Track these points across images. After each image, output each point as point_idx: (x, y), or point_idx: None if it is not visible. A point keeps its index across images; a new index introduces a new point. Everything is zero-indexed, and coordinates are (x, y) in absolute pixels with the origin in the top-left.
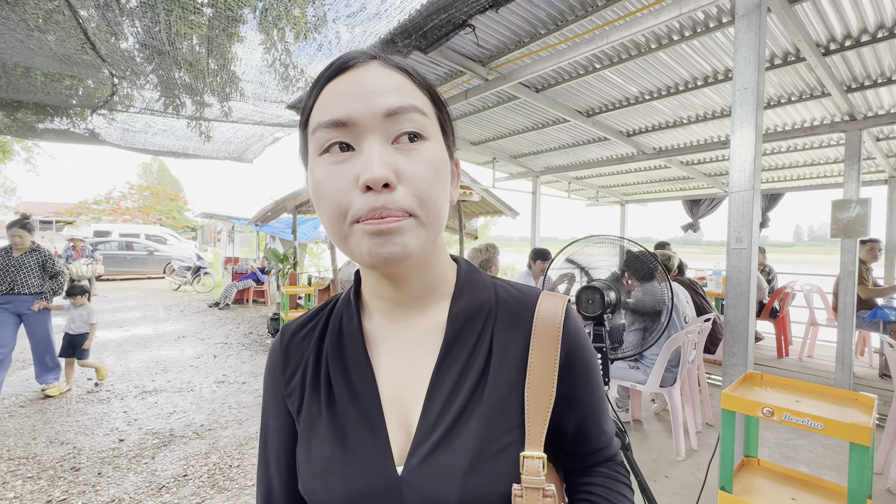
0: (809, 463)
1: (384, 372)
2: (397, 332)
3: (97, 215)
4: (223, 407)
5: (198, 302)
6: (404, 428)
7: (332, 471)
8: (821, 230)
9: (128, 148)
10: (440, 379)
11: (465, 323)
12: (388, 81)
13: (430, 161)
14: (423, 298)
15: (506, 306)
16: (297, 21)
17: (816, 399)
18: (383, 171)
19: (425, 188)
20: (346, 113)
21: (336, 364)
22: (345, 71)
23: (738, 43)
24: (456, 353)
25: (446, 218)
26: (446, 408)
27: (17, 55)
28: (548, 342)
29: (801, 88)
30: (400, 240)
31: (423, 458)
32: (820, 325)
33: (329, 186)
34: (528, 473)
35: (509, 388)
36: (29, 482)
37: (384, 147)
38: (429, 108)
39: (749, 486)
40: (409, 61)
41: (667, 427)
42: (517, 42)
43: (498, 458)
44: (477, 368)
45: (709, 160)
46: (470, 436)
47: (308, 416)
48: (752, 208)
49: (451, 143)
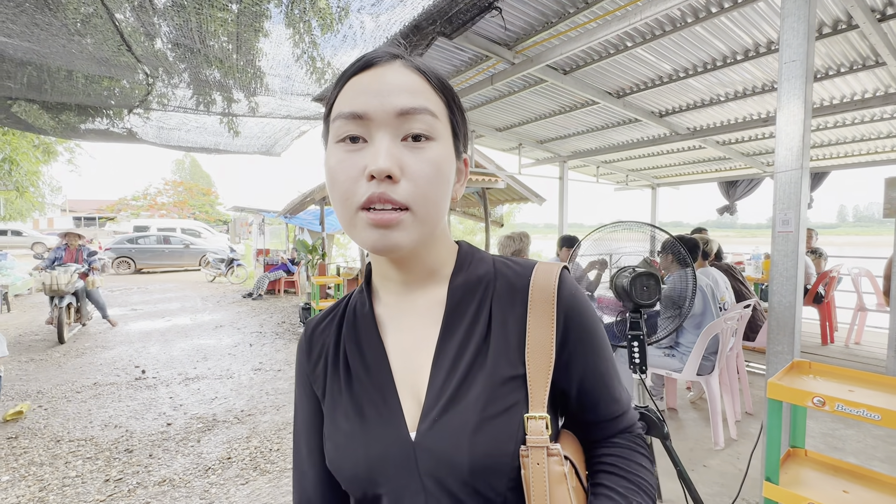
0: (858, 454)
1: (394, 349)
2: (403, 312)
3: (136, 211)
4: (261, 393)
5: (232, 293)
6: (415, 398)
7: (354, 441)
8: (867, 210)
9: (163, 145)
10: (443, 348)
11: (464, 295)
12: (406, 82)
13: (434, 161)
14: (426, 279)
15: (504, 278)
16: (323, 13)
17: (870, 388)
18: (388, 163)
19: (425, 185)
20: (363, 107)
21: (352, 346)
22: (368, 68)
23: (786, 12)
24: (456, 323)
25: (444, 213)
26: (451, 374)
27: (59, 59)
28: (544, 307)
29: (851, 59)
30: (396, 234)
31: (433, 422)
32: (869, 311)
33: (340, 174)
34: (532, 433)
35: (510, 353)
36: (88, 462)
37: (393, 142)
38: (441, 110)
39: (796, 478)
40: (431, 64)
41: (703, 416)
42: (544, 23)
43: (502, 419)
44: (478, 336)
45: (747, 139)
46: (475, 398)
47: (331, 395)
48: (801, 189)
49: (462, 143)
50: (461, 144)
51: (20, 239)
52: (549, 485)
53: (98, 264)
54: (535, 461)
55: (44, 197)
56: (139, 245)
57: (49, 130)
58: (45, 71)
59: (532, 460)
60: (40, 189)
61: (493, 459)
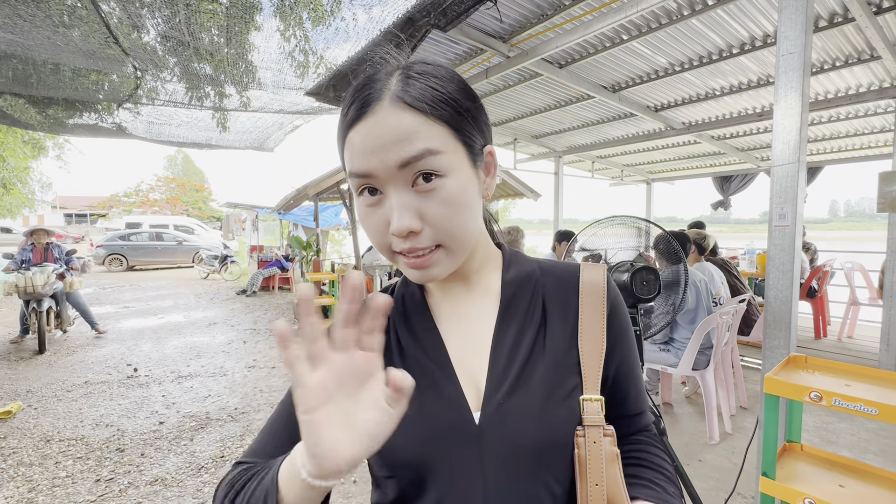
0: (852, 447)
1: (449, 335)
2: (456, 304)
3: (128, 208)
4: (255, 391)
5: (226, 290)
6: (472, 382)
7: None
8: (859, 205)
9: (153, 140)
10: (501, 336)
11: (518, 288)
12: (399, 127)
13: (449, 199)
14: (472, 275)
15: (551, 275)
16: (315, 4)
17: (866, 382)
18: (405, 223)
19: (447, 226)
20: (367, 167)
21: (405, 333)
22: (360, 119)
23: (784, 3)
24: (512, 313)
25: (476, 232)
26: (512, 360)
27: (45, 52)
28: (595, 301)
29: (847, 52)
30: (433, 270)
31: (499, 405)
32: (862, 305)
33: (370, 227)
34: (589, 413)
35: (566, 341)
36: (79, 462)
37: (405, 194)
38: (444, 138)
39: (792, 472)
40: (427, 82)
41: (698, 410)
42: (540, 15)
43: (565, 402)
44: (534, 325)
45: (742, 133)
46: (539, 382)
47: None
48: (797, 182)
49: (481, 143)
50: (479, 147)
51: (9, 237)
52: (605, 463)
53: (77, 264)
54: (591, 440)
55: (33, 193)
56: (131, 242)
57: (36, 125)
58: (31, 64)
59: (588, 439)
60: (29, 185)
61: (555, 440)
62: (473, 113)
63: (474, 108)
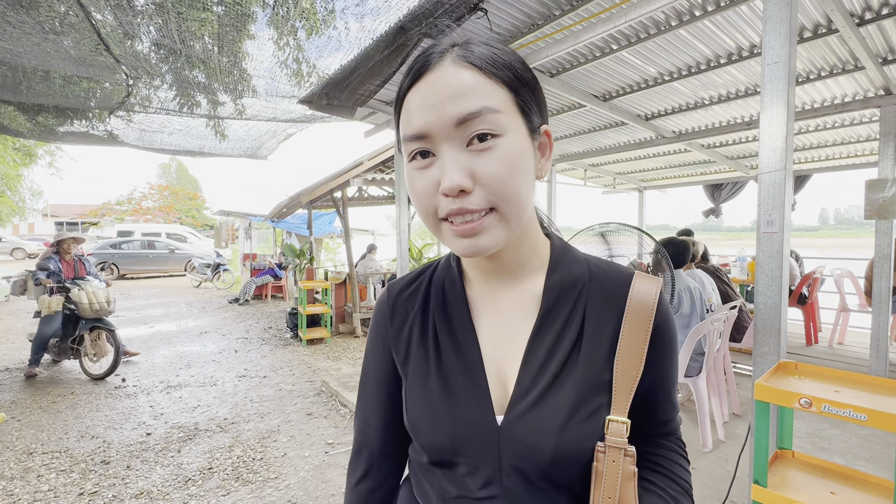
0: (844, 454)
1: (484, 332)
2: (496, 299)
3: (120, 216)
4: (245, 401)
5: (218, 298)
6: (500, 383)
7: (440, 415)
8: (847, 213)
9: (145, 148)
10: (536, 344)
11: (560, 296)
12: (458, 83)
13: (505, 158)
14: (517, 270)
15: (599, 283)
16: (308, 14)
17: (856, 388)
18: (457, 180)
19: (501, 186)
20: (422, 126)
21: (442, 323)
22: (420, 77)
23: (768, 14)
24: (550, 322)
25: (529, 204)
26: (543, 370)
27: (35, 59)
28: (641, 322)
29: (831, 63)
30: (483, 237)
31: (523, 413)
32: (851, 311)
33: (418, 191)
34: (613, 434)
35: (601, 359)
36: (62, 475)
37: (459, 153)
38: (503, 99)
39: (784, 480)
40: (488, 48)
41: (691, 417)
42: (531, 25)
43: (589, 420)
44: (570, 338)
45: (732, 142)
46: (565, 397)
47: (416, 364)
48: (784, 189)
49: (538, 118)
50: (536, 120)
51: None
52: (621, 480)
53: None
54: (611, 458)
55: (24, 201)
56: (122, 250)
57: (26, 133)
58: (21, 71)
59: (608, 457)
60: (20, 193)
61: (573, 454)
62: (532, 85)
63: (533, 81)
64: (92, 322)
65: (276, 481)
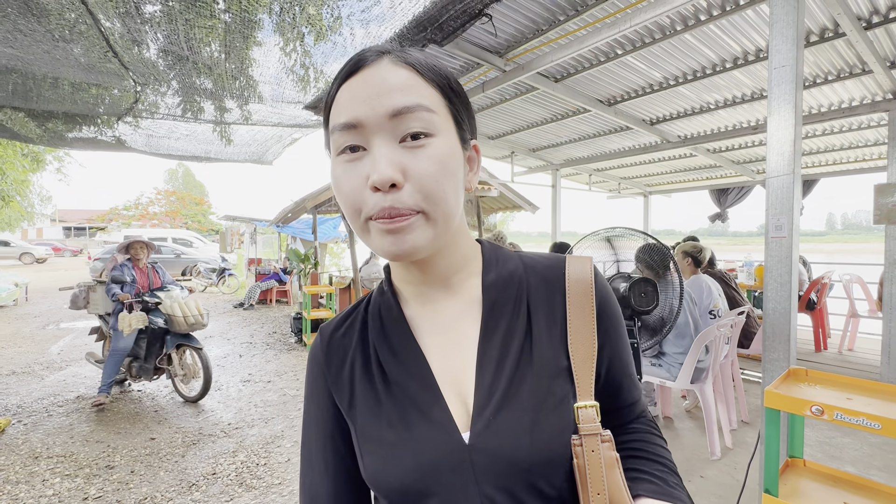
0: (856, 463)
1: (431, 349)
2: (435, 313)
3: (127, 221)
4: (249, 406)
5: (223, 303)
6: (459, 398)
7: (401, 450)
8: (855, 217)
9: (153, 154)
10: (487, 347)
11: (500, 292)
12: (396, 80)
13: (436, 157)
14: (450, 278)
15: (535, 272)
16: (314, 20)
17: (868, 396)
18: (388, 173)
19: (431, 185)
20: (356, 115)
21: (385, 350)
22: (357, 71)
23: (774, 18)
24: (496, 320)
25: (459, 207)
26: (499, 372)
27: (45, 66)
28: (582, 299)
29: (839, 66)
30: (410, 237)
31: (489, 422)
32: (861, 317)
33: (344, 186)
34: (585, 421)
35: (554, 345)
36: (67, 480)
37: (391, 147)
38: (438, 102)
39: (795, 489)
40: (424, 55)
41: (699, 425)
42: (535, 30)
43: (557, 411)
44: (520, 332)
45: (738, 147)
46: (528, 394)
47: (364, 402)
48: (793, 193)
49: (468, 131)
50: (467, 132)
51: (8, 249)
52: (605, 470)
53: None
54: (589, 448)
55: (33, 206)
56: None
57: (35, 139)
58: (31, 78)
59: (586, 448)
60: (29, 198)
61: (551, 453)
62: (464, 99)
63: (465, 96)
64: (179, 338)
65: (280, 487)
